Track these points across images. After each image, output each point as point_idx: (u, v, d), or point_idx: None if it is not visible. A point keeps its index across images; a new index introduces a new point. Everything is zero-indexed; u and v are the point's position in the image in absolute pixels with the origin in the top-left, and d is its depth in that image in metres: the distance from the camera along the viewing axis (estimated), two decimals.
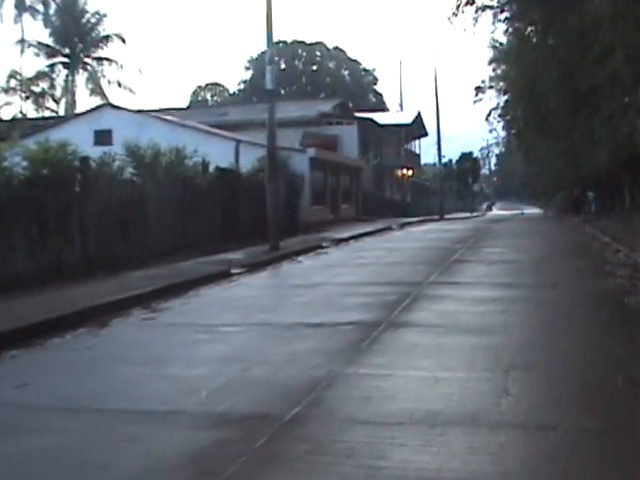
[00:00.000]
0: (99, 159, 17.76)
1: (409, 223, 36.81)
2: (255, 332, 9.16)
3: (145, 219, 18.50)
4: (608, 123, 24.33)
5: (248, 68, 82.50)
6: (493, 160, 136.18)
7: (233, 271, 15.68)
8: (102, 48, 46.58)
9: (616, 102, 21.46)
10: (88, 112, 34.53)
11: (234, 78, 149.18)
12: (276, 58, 17.08)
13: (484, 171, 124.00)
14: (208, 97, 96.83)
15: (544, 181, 66.55)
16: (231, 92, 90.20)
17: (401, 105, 74.10)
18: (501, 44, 49.12)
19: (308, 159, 29.96)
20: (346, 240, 24.21)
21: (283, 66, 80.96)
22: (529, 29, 37.64)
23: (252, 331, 9.24)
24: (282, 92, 77.91)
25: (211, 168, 23.08)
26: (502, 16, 35.13)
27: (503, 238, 23.42)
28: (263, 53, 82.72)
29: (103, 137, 32.14)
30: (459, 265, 15.48)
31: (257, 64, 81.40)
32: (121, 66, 45.67)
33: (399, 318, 9.42)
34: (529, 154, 53.02)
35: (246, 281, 14.43)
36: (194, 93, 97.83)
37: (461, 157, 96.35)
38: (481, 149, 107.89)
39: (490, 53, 50.76)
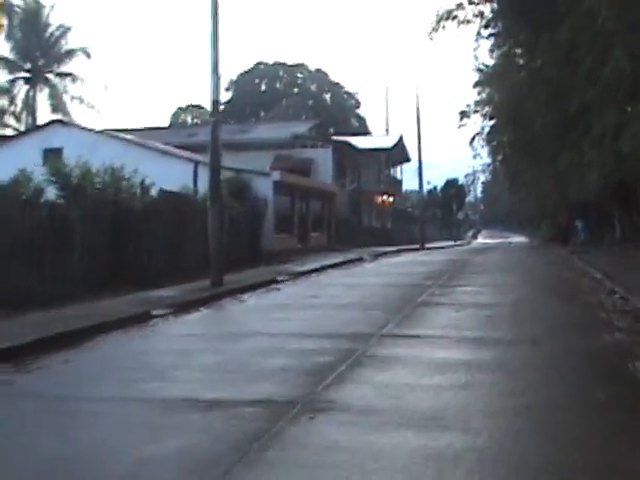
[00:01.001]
0: (10, 179, 15.30)
1: (385, 253, 34.32)
2: (120, 415, 6.59)
3: (67, 248, 15.93)
4: (599, 145, 22.06)
5: (228, 89, 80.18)
6: (479, 187, 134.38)
7: (155, 313, 13.11)
8: (65, 63, 44.13)
9: (609, 118, 19.06)
10: (38, 129, 31.96)
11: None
12: (221, 73, 14.33)
13: (470, 198, 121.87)
14: (188, 119, 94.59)
15: (530, 209, 64.62)
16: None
17: (387, 130, 71.85)
18: (486, 66, 47.37)
19: (272, 183, 27.44)
20: (307, 273, 21.68)
21: (263, 87, 78.81)
22: (514, 51, 35.84)
23: (116, 413, 6.66)
24: (262, 114, 75.79)
25: (163, 189, 20.58)
26: (486, 32, 33.24)
27: (482, 273, 20.89)
28: (242, 75, 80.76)
29: (53, 156, 29.47)
30: (424, 310, 12.92)
31: (237, 86, 79.25)
32: (82, 81, 43.13)
33: (324, 395, 6.88)
34: (515, 181, 51.32)
35: (163, 327, 11.88)
36: (174, 115, 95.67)
37: (446, 184, 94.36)
38: (466, 175, 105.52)
39: (475, 76, 48.91)
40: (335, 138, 47.95)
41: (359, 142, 53.58)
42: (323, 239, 35.50)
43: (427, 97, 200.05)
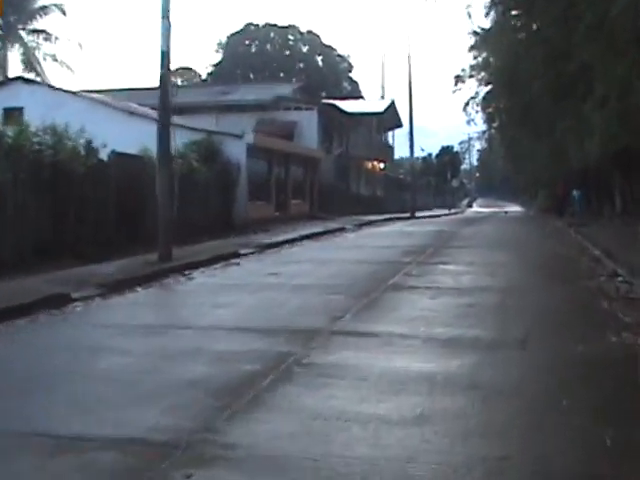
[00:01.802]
0: None
1: (370, 223, 32.31)
2: None
3: None
4: (602, 107, 19.95)
5: (217, 51, 77.58)
6: (475, 155, 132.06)
7: (77, 295, 11.07)
8: (39, 19, 41.64)
9: (613, 75, 16.96)
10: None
11: (205, 62, 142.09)
12: (170, 16, 12.14)
13: (465, 166, 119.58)
14: (178, 82, 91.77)
15: (526, 178, 62.59)
16: (203, 77, 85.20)
17: (383, 96, 69.26)
18: (482, 29, 45.28)
19: (245, 146, 25.28)
20: (278, 245, 19.69)
21: (254, 50, 76.16)
22: (510, 13, 33.96)
23: None
24: (252, 77, 73.26)
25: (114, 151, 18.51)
26: None
27: (470, 248, 18.89)
28: (232, 37, 78.02)
29: (13, 116, 27.30)
30: (394, 295, 10.92)
31: (226, 48, 76.59)
32: (57, 39, 40.66)
33: (221, 434, 4.95)
34: (510, 149, 49.56)
35: (79, 315, 9.92)
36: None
37: (441, 151, 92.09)
38: (461, 142, 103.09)
39: (470, 40, 46.69)
40: (323, 100, 45.47)
41: (350, 106, 51.21)
42: (305, 207, 33.42)
43: (423, 63, 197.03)
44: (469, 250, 18.12)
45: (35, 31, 41.56)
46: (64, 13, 41.48)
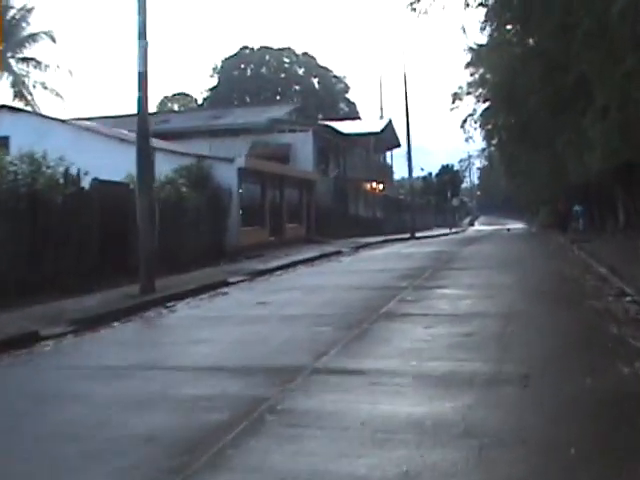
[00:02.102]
0: None
1: (369, 245, 31.60)
2: None
3: None
4: (602, 119, 19.28)
5: (212, 76, 77.30)
6: (476, 173, 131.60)
7: (47, 333, 10.34)
8: (28, 47, 41.06)
9: (613, 85, 16.30)
10: None
11: (201, 87, 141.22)
12: (147, 41, 11.49)
13: (466, 184, 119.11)
14: (175, 107, 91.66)
15: (527, 195, 61.94)
16: (199, 102, 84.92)
17: (382, 116, 68.73)
18: (478, 45, 44.92)
19: (236, 170, 24.59)
20: (270, 272, 18.97)
21: (249, 73, 75.84)
22: (506, 27, 33.48)
23: None
24: (248, 101, 72.86)
25: (96, 179, 17.84)
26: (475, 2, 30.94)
27: (470, 269, 18.11)
28: (227, 60, 77.72)
29: None
30: (386, 325, 10.15)
31: (222, 72, 76.32)
32: (47, 67, 40.08)
33: None
34: (510, 166, 48.90)
35: (47, 355, 9.18)
36: (161, 104, 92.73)
37: (441, 170, 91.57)
38: (460, 161, 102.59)
39: (467, 57, 46.30)
40: (319, 122, 44.91)
41: (346, 127, 50.73)
42: (301, 231, 32.70)
43: (421, 82, 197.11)
44: (469, 272, 17.34)
45: (24, 59, 40.99)
46: (54, 40, 40.94)
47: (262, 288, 15.81)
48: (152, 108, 15.35)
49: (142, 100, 14.34)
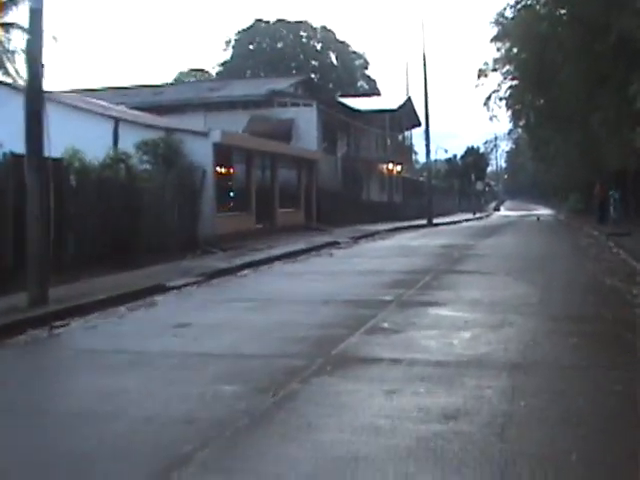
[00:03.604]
0: None
1: (375, 234, 27.88)
2: None
3: None
4: None
5: (225, 50, 73.44)
6: (503, 156, 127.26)
7: None
8: (8, 13, 37.36)
9: None
10: None
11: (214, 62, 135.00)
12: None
13: (492, 168, 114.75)
14: None
15: (556, 179, 58.04)
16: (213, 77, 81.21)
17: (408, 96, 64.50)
18: (506, 18, 41.18)
19: (212, 146, 20.85)
20: (233, 271, 15.44)
21: (264, 47, 71.93)
22: None
23: None
24: (262, 76, 68.98)
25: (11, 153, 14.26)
26: None
27: (483, 275, 14.27)
28: (240, 34, 73.78)
29: None
30: (328, 384, 6.45)
31: (236, 46, 72.45)
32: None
33: None
34: (539, 149, 45.39)
35: None
36: (176, 80, 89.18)
37: (466, 152, 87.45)
38: (485, 142, 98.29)
39: (493, 30, 42.48)
40: (326, 96, 40.99)
41: (362, 103, 46.84)
42: (299, 217, 28.92)
43: (450, 66, 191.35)
44: (480, 278, 13.54)
45: (4, 24, 37.34)
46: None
47: (202, 298, 12.16)
48: (140, 78, 11.56)
49: (33, 43, 10.54)
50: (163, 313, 10.75)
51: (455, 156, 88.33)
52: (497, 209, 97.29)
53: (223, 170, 21.93)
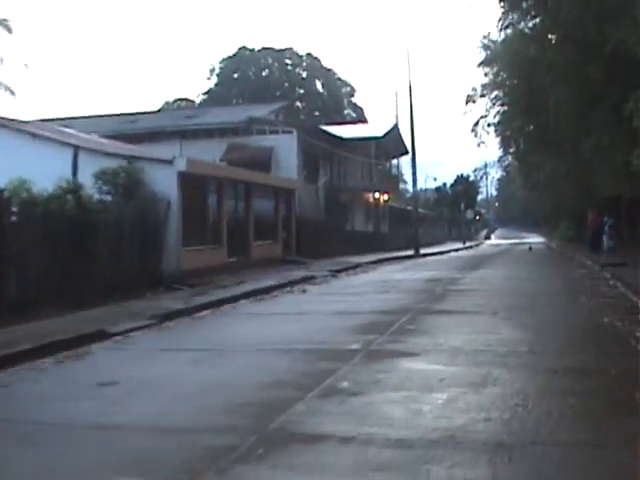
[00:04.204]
0: None
1: (357, 266, 26.45)
2: None
3: None
4: None
5: (209, 78, 72.32)
6: (494, 184, 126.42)
7: None
8: None
9: None
10: None
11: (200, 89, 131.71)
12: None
13: (483, 196, 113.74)
14: None
15: (547, 207, 56.99)
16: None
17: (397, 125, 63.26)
18: (493, 42, 40.42)
19: (176, 175, 19.41)
20: (190, 313, 13.95)
21: (249, 75, 70.84)
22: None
23: None
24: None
25: None
26: None
27: (467, 315, 12.76)
28: (225, 61, 72.74)
29: None
30: (257, 472, 4.97)
31: (220, 74, 71.36)
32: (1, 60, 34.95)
33: None
34: (530, 176, 44.39)
35: None
36: (161, 109, 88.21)
37: (456, 180, 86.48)
38: (475, 170, 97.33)
39: (481, 55, 41.71)
40: (308, 122, 39.68)
41: (347, 131, 45.62)
42: (277, 249, 27.40)
43: (438, 93, 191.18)
44: (462, 319, 12.04)
45: None
46: (9, 31, 35.83)
47: (145, 347, 10.68)
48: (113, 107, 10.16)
49: None
50: (92, 367, 9.23)
51: (445, 184, 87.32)
52: (488, 237, 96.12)
53: (191, 201, 20.39)
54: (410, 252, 39.07)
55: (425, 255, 38.26)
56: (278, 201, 27.86)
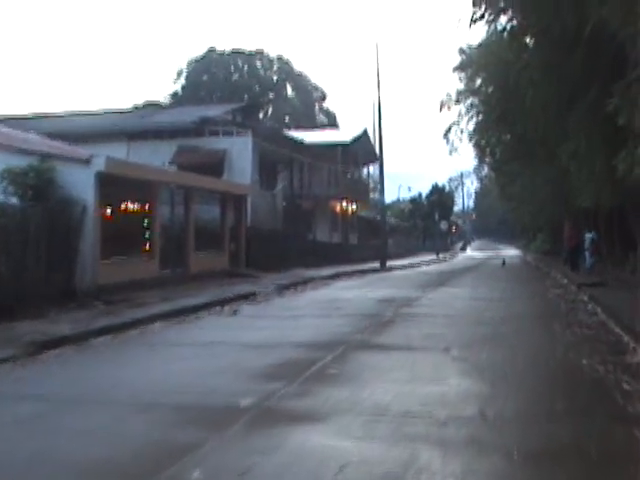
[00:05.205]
0: None
1: (311, 280, 23.99)
2: None
3: None
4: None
5: (176, 81, 69.70)
6: (471, 196, 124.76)
7: None
8: None
9: None
10: None
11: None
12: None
13: (458, 207, 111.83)
14: None
15: (524, 219, 55.05)
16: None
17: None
18: (470, 47, 38.63)
19: (94, 176, 16.83)
20: (81, 339, 11.25)
21: (218, 78, 68.26)
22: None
23: None
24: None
25: None
26: None
27: (411, 352, 10.24)
28: (193, 64, 70.09)
29: None
30: None
31: (188, 77, 68.76)
32: None
33: None
34: (506, 187, 42.38)
35: None
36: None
37: (432, 190, 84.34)
38: (450, 180, 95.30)
39: (458, 59, 39.97)
40: (266, 125, 37.18)
41: (313, 137, 43.26)
42: (222, 261, 24.79)
43: (420, 107, 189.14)
44: (403, 358, 9.54)
45: None
46: None
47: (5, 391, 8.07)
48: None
49: None
50: None
51: (420, 195, 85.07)
52: (464, 249, 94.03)
53: (113, 206, 17.85)
54: (377, 265, 36.74)
55: (392, 269, 35.89)
56: (226, 208, 25.27)
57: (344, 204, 45.31)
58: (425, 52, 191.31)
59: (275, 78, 70.00)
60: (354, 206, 47.58)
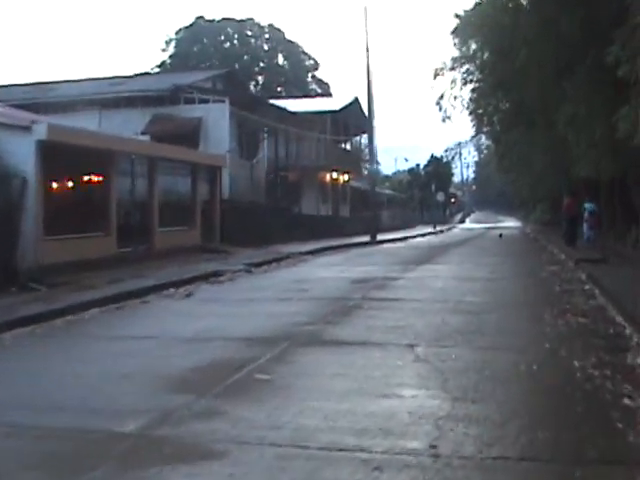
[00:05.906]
0: None
1: (289, 257, 22.27)
2: None
3: None
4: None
5: (165, 50, 67.59)
6: (472, 166, 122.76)
7: None
8: None
9: None
10: None
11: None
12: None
13: (457, 178, 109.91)
14: None
15: (523, 189, 53.48)
16: None
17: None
18: (466, 12, 36.62)
19: (35, 144, 15.07)
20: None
21: (207, 47, 66.13)
22: None
23: None
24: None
25: None
26: None
27: (360, 351, 8.52)
28: (181, 32, 67.92)
29: None
30: None
31: (177, 46, 66.65)
32: None
33: None
34: (505, 157, 40.24)
35: None
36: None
37: (429, 162, 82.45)
38: (447, 150, 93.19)
39: (454, 23, 37.96)
40: (246, 92, 35.27)
41: (302, 105, 41.39)
42: (193, 237, 23.04)
43: (421, 79, 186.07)
44: (354, 359, 7.86)
45: None
46: None
47: None
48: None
49: None
50: None
51: (418, 165, 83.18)
52: (462, 221, 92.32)
53: (59, 178, 16.12)
54: (367, 238, 35.06)
55: (382, 242, 34.19)
56: (197, 180, 23.47)
57: (335, 175, 43.48)
58: (424, 20, 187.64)
59: (266, 47, 67.85)
60: (346, 177, 45.75)
